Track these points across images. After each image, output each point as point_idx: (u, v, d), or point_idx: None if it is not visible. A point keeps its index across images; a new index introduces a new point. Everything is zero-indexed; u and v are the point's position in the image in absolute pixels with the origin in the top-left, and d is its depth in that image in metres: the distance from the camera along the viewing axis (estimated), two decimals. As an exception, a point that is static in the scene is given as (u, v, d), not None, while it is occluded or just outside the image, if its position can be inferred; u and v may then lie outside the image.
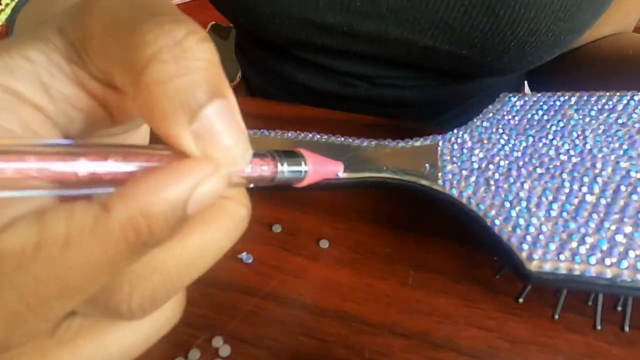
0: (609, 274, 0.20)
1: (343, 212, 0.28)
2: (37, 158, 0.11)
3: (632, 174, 0.23)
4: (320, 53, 0.41)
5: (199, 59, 0.12)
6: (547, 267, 0.21)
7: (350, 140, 0.29)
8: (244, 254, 0.26)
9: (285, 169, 0.16)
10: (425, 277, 0.25)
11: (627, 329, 0.23)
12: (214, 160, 0.12)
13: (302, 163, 0.17)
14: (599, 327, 0.23)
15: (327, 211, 0.28)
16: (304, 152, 0.17)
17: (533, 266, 0.21)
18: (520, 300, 0.24)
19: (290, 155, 0.16)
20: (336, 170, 0.19)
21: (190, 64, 0.12)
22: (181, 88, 0.12)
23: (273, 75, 0.47)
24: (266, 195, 0.29)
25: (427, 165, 0.27)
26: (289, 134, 0.30)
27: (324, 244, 0.27)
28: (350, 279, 0.25)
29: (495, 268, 0.26)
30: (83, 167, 0.11)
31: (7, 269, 0.10)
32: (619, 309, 0.24)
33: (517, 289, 0.25)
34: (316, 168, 0.17)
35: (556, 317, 0.23)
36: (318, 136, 0.30)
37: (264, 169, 0.15)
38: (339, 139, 0.30)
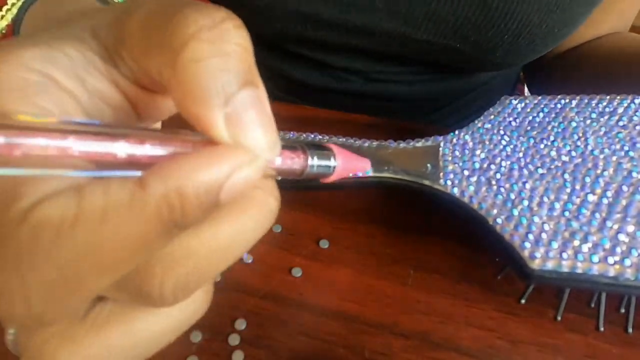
0: (612, 272, 0.20)
1: (343, 212, 0.28)
2: (78, 137, 0.11)
3: (634, 174, 0.23)
4: (315, 48, 0.41)
5: (236, 44, 0.12)
6: (550, 265, 0.21)
7: (352, 141, 0.29)
8: (244, 253, 0.26)
9: (315, 163, 0.16)
10: (425, 277, 0.25)
11: (630, 330, 0.23)
12: (243, 146, 0.12)
13: (332, 158, 0.17)
14: (602, 329, 0.23)
15: (327, 211, 0.28)
16: (334, 147, 0.17)
17: (535, 264, 0.21)
18: (522, 301, 0.24)
19: (320, 149, 0.16)
20: (364, 166, 0.19)
21: (228, 47, 0.12)
22: (217, 69, 0.12)
23: (267, 71, 0.47)
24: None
25: (428, 165, 0.27)
26: (290, 135, 0.30)
27: (324, 244, 0.27)
28: (350, 279, 0.25)
29: (495, 268, 0.26)
30: (122, 148, 0.11)
31: (47, 238, 0.10)
32: (622, 310, 0.23)
33: (518, 289, 0.25)
34: (345, 164, 0.17)
35: (559, 318, 0.23)
36: (319, 137, 0.30)
37: (294, 162, 0.15)
38: (340, 139, 0.30)
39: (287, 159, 0.15)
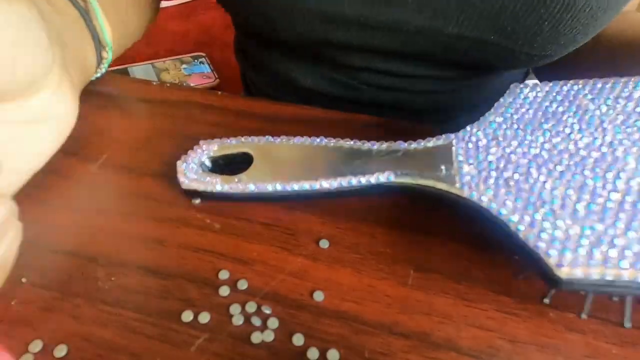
0: None
1: (343, 212, 0.28)
2: None
3: None
4: (334, 50, 0.40)
5: None
6: (578, 273, 0.20)
7: (360, 144, 0.28)
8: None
9: None
10: (425, 277, 0.25)
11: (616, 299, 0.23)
12: None
13: None
14: (628, 325, 0.23)
15: (327, 211, 0.28)
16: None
17: (563, 273, 0.20)
18: (546, 300, 0.24)
19: None
20: None
21: None
22: None
23: (277, 78, 0.47)
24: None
25: (442, 167, 0.26)
26: (296, 140, 0.29)
27: (324, 244, 0.27)
28: (350, 279, 0.25)
29: (495, 268, 0.26)
30: None
31: None
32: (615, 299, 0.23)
33: (518, 290, 0.25)
34: None
35: (584, 316, 0.23)
36: (325, 140, 0.29)
37: None
38: (348, 143, 0.29)
39: None
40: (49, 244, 0.26)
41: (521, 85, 0.29)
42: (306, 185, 0.27)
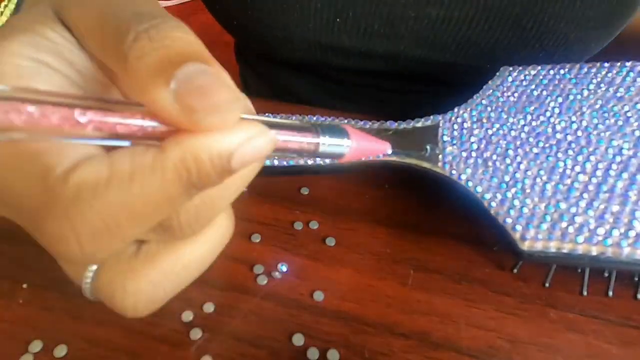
0: (594, 251, 0.22)
1: (343, 212, 0.28)
2: (96, 112, 0.12)
3: (624, 151, 0.24)
4: (334, 70, 0.40)
5: (173, 37, 0.14)
6: (539, 246, 0.22)
7: (353, 122, 0.30)
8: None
9: (327, 142, 0.17)
10: (425, 277, 0.25)
11: (610, 294, 0.24)
12: (196, 115, 0.13)
13: (345, 138, 0.17)
14: (585, 293, 0.24)
15: (328, 211, 0.28)
16: (348, 127, 0.18)
17: (526, 246, 0.22)
18: (515, 271, 0.25)
19: (333, 129, 0.17)
20: (383, 149, 0.19)
21: (165, 41, 0.13)
22: (158, 57, 0.13)
23: (277, 86, 0.47)
24: (266, 195, 0.29)
25: (428, 147, 0.28)
26: (294, 118, 0.31)
27: (325, 243, 0.27)
28: (351, 279, 0.25)
29: (495, 268, 0.26)
30: (133, 122, 0.13)
31: (87, 196, 0.13)
32: (606, 274, 0.25)
33: (518, 290, 0.25)
34: (360, 144, 0.18)
35: (547, 285, 0.25)
36: (322, 119, 0.31)
37: (306, 139, 0.16)
38: (343, 121, 0.31)
39: (299, 136, 0.16)
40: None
41: (510, 69, 0.30)
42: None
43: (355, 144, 0.17)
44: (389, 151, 0.20)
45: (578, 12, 0.31)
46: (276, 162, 0.29)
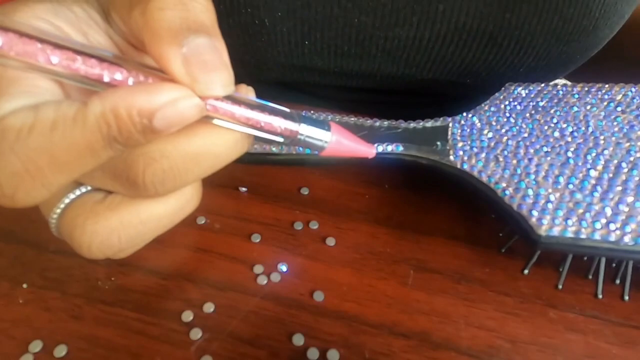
0: (613, 237, 0.21)
1: (343, 212, 0.28)
2: (84, 60, 0.14)
3: (632, 153, 0.25)
4: (315, 87, 0.40)
5: (198, 2, 0.15)
6: (556, 231, 0.22)
7: (363, 120, 0.30)
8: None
9: (306, 131, 0.17)
10: (425, 277, 0.25)
11: (627, 298, 0.24)
12: (197, 85, 0.14)
13: (327, 132, 0.18)
14: (600, 296, 0.24)
15: (328, 211, 0.28)
16: (333, 124, 0.18)
17: (542, 230, 0.22)
18: (526, 271, 0.25)
19: (317, 122, 0.18)
20: (368, 152, 0.19)
21: (190, 3, 0.14)
22: (177, 17, 0.14)
23: (270, 95, 0.47)
24: (266, 195, 0.29)
25: (438, 143, 0.28)
26: (303, 113, 0.31)
27: (325, 243, 0.27)
28: (351, 279, 0.25)
29: (495, 268, 0.26)
30: (94, 70, 0.14)
31: (10, 138, 0.14)
32: (617, 282, 0.25)
33: (518, 290, 0.25)
34: (342, 141, 0.18)
35: (560, 286, 0.25)
36: (331, 115, 0.31)
37: (283, 125, 0.17)
38: (352, 119, 0.31)
39: (280, 120, 0.17)
40: (49, 244, 0.26)
41: (515, 85, 0.31)
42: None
43: (335, 139, 0.18)
44: (374, 154, 0.20)
45: (557, 26, 0.30)
46: (257, 148, 0.30)
